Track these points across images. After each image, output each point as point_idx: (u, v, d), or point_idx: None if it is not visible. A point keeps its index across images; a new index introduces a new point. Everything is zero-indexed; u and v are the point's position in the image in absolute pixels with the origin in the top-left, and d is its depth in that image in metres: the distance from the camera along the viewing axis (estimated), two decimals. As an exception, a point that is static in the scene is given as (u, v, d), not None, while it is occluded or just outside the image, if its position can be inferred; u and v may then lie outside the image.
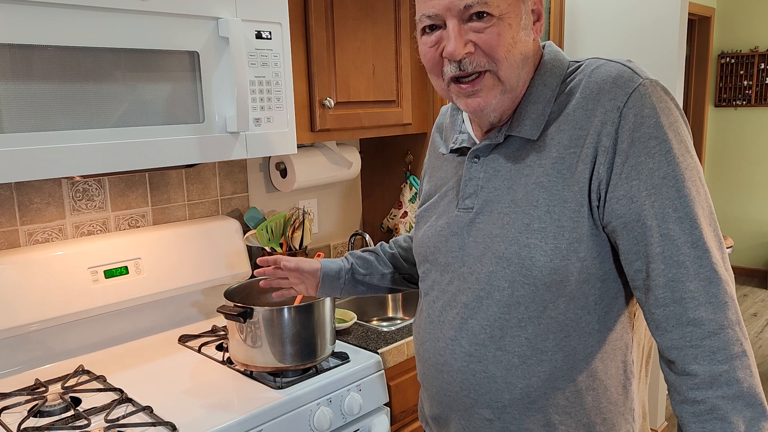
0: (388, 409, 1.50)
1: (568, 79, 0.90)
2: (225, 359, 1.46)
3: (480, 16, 0.83)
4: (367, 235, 2.03)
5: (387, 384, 1.49)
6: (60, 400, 1.25)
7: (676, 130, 0.82)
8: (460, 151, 1.00)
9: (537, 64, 0.93)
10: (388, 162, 2.22)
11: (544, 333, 0.88)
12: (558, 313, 0.87)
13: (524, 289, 0.87)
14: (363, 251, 1.30)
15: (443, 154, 1.05)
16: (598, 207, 0.85)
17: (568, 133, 0.86)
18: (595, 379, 0.90)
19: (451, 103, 1.08)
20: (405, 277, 1.28)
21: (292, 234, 1.88)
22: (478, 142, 0.96)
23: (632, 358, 0.94)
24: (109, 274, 1.53)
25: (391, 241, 1.32)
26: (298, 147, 1.72)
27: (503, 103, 0.89)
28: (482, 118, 0.93)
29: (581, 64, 0.91)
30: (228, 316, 1.30)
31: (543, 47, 0.95)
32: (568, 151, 0.86)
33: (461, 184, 0.96)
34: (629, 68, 0.85)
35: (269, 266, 1.26)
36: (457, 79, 0.88)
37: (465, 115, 1.02)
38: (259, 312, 1.30)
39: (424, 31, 0.89)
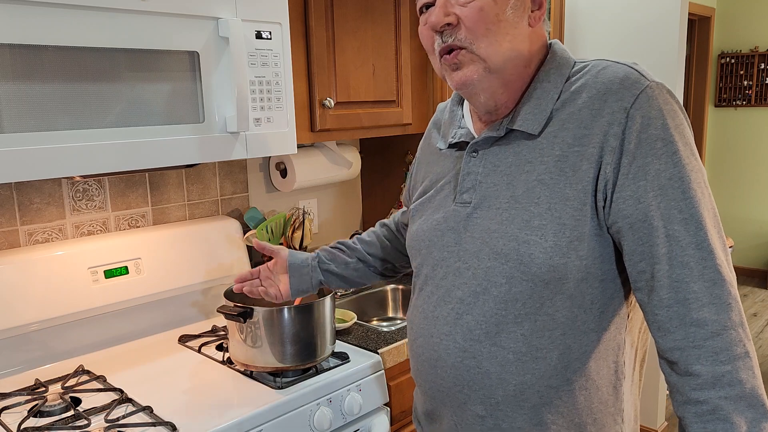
0: (388, 409, 1.50)
1: (573, 78, 0.90)
2: (225, 359, 1.46)
3: None
4: (367, 235, 2.03)
5: (387, 384, 1.49)
6: (60, 400, 1.25)
7: (681, 132, 0.83)
8: (459, 146, 1.00)
9: (543, 59, 0.93)
10: (388, 162, 2.22)
11: (540, 330, 0.88)
12: (555, 310, 0.87)
13: (522, 285, 0.87)
14: (331, 245, 1.34)
15: (440, 150, 1.04)
16: (603, 207, 0.85)
17: (572, 131, 0.86)
18: (588, 379, 0.90)
19: (450, 99, 1.09)
20: (371, 268, 1.32)
21: (292, 234, 1.88)
22: (476, 136, 0.96)
23: (623, 359, 0.94)
24: (109, 274, 1.53)
25: (354, 238, 1.35)
26: (298, 147, 1.72)
27: (491, 84, 0.90)
28: (473, 99, 0.93)
29: (587, 65, 0.91)
30: (228, 316, 1.30)
31: (550, 45, 0.95)
32: (572, 150, 0.86)
33: (459, 178, 0.96)
34: (636, 70, 0.86)
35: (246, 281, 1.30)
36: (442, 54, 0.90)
37: (465, 110, 1.02)
38: (259, 312, 1.30)
39: (421, 11, 0.92)
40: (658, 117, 0.82)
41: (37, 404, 1.23)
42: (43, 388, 1.33)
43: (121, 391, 1.30)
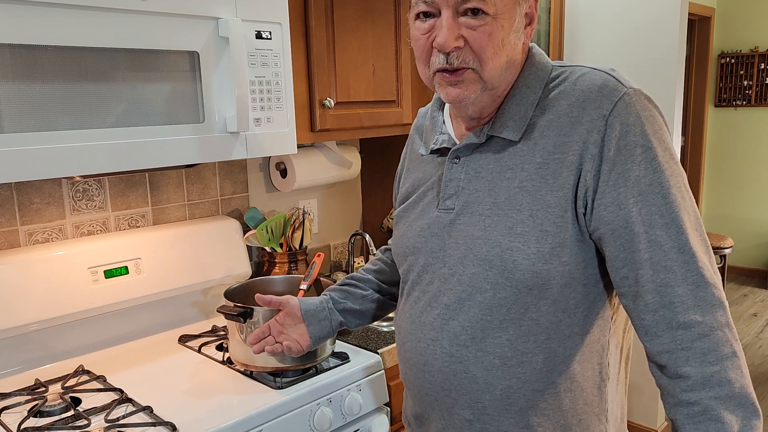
0: (388, 409, 1.51)
1: (552, 84, 0.91)
2: (225, 359, 1.46)
3: (475, 12, 0.84)
4: (367, 235, 2.03)
5: (387, 384, 1.49)
6: (60, 400, 1.25)
7: (660, 137, 0.84)
8: (440, 152, 1.00)
9: (522, 65, 0.93)
10: (388, 162, 2.22)
11: (525, 335, 0.89)
12: (539, 315, 0.88)
13: (506, 291, 0.88)
14: (339, 283, 1.25)
15: (422, 155, 1.04)
16: (584, 214, 0.85)
17: (552, 139, 0.87)
18: (573, 381, 0.91)
19: (430, 104, 1.08)
20: (388, 296, 1.24)
21: (292, 234, 1.88)
22: (458, 143, 0.96)
23: (608, 360, 0.95)
24: (109, 274, 1.53)
25: (361, 269, 1.28)
26: (298, 147, 1.72)
27: (482, 99, 0.90)
28: (461, 110, 0.94)
29: (565, 70, 0.91)
30: (228, 316, 1.30)
31: (529, 49, 0.95)
32: (552, 157, 0.86)
33: (442, 184, 0.97)
34: (614, 77, 0.86)
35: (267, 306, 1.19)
36: (442, 71, 0.88)
37: (446, 115, 1.02)
38: (259, 312, 1.30)
39: (417, 16, 0.89)
40: (636, 124, 0.83)
41: (37, 404, 1.23)
42: (43, 388, 1.33)
43: (121, 391, 1.30)
